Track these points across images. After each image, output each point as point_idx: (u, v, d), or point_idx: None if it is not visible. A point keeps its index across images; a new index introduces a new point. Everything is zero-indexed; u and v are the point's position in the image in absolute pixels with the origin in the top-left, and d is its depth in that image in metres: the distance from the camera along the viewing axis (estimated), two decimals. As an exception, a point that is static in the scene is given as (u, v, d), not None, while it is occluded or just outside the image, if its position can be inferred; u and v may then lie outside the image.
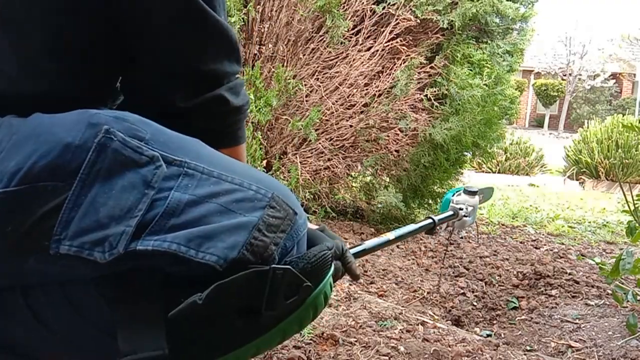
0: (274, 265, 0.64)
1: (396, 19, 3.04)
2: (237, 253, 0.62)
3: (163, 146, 0.65)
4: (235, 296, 0.63)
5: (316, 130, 2.91)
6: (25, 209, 0.60)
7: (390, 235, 1.10)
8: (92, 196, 0.61)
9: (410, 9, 3.04)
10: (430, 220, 1.23)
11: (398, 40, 3.07)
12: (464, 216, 1.36)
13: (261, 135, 2.83)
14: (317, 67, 2.97)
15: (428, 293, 2.36)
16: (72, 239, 0.60)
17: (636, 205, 1.96)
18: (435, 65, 3.19)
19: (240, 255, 0.62)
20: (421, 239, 3.20)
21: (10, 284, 0.66)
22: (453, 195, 1.38)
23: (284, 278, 0.65)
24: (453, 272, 2.72)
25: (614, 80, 25.53)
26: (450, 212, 1.33)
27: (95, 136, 0.62)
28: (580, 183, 8.85)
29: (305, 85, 2.88)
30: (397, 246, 3.02)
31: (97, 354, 0.69)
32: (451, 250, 3.06)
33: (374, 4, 3.05)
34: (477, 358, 1.61)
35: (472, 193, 1.37)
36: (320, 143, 2.99)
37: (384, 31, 3.06)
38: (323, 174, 3.12)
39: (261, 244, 0.64)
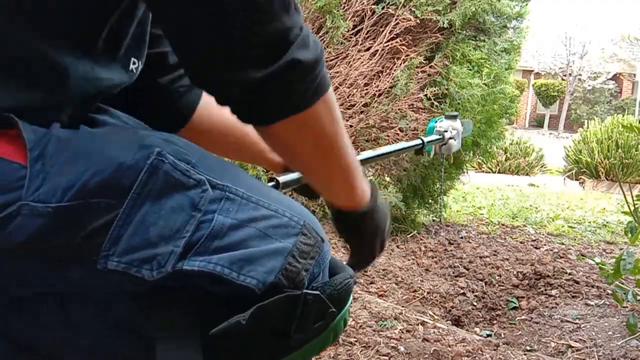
0: (305, 291, 0.68)
1: (396, 19, 3.04)
2: (274, 277, 0.65)
3: (208, 170, 0.67)
4: (272, 319, 0.67)
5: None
6: (76, 224, 0.61)
7: (383, 149, 1.20)
8: (142, 215, 0.63)
9: (410, 9, 3.04)
10: (419, 141, 1.27)
11: (398, 40, 3.07)
12: (450, 139, 1.38)
13: (261, 135, 2.83)
14: (317, 67, 2.97)
15: (428, 293, 2.36)
16: (120, 256, 0.62)
17: (636, 206, 1.96)
18: (434, 64, 3.19)
19: (277, 280, 0.66)
20: (421, 239, 3.20)
21: (49, 291, 0.68)
22: (436, 123, 1.41)
23: (314, 303, 0.68)
24: (453, 272, 2.72)
25: (614, 81, 25.55)
26: (437, 136, 1.36)
27: (147, 157, 0.63)
28: (580, 183, 8.85)
29: (305, 85, 2.88)
30: (397, 246, 3.02)
31: None
32: (451, 251, 3.06)
33: (373, 4, 3.05)
34: (477, 358, 1.61)
35: (453, 117, 1.41)
36: (320, 143, 2.99)
37: (383, 31, 3.06)
38: (323, 174, 3.12)
39: (294, 270, 0.67)
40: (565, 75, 25.57)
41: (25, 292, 0.68)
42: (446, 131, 1.37)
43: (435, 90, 3.17)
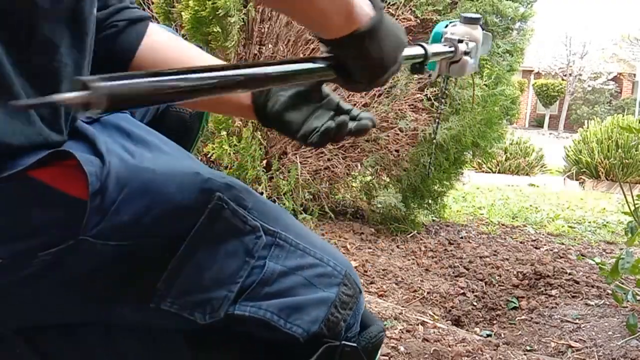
0: (344, 342, 0.69)
1: (396, 19, 3.04)
2: (317, 327, 0.67)
3: (262, 216, 0.68)
4: None
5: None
6: (133, 262, 0.62)
7: None
8: (198, 258, 0.63)
9: (410, 9, 3.04)
10: (420, 49, 0.80)
11: (398, 40, 3.07)
12: (464, 53, 0.91)
13: (261, 135, 2.83)
14: (317, 67, 2.97)
15: (428, 293, 2.36)
16: (174, 297, 0.62)
17: (636, 205, 1.96)
18: (435, 65, 3.18)
19: (319, 330, 0.67)
20: (421, 239, 3.20)
21: (98, 321, 0.69)
22: (446, 27, 0.94)
23: (350, 355, 0.69)
24: (453, 272, 2.72)
25: (614, 81, 25.55)
26: (448, 47, 0.90)
27: (208, 201, 0.64)
28: (580, 183, 8.85)
29: (305, 85, 2.88)
30: (397, 246, 3.02)
31: None
32: (451, 251, 3.06)
33: (373, 4, 3.04)
34: (477, 358, 1.61)
35: (473, 21, 0.93)
36: (320, 143, 2.99)
37: (384, 31, 3.06)
38: (323, 174, 3.13)
39: (335, 320, 0.68)
40: (565, 76, 25.57)
41: (74, 320, 0.68)
42: (461, 41, 0.91)
43: (435, 91, 3.17)
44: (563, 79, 25.80)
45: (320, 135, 0.72)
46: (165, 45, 0.80)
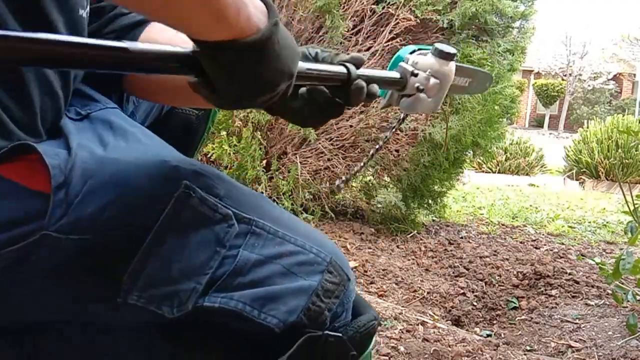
0: (327, 332, 0.65)
1: (396, 19, 3.03)
2: (295, 317, 0.64)
3: (235, 203, 0.65)
4: None
5: (316, 130, 2.91)
6: (98, 256, 0.60)
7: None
8: (165, 249, 0.61)
9: (410, 9, 3.04)
10: (342, 69, 0.67)
11: (398, 40, 3.07)
12: (419, 89, 0.78)
13: (261, 135, 2.83)
14: (317, 67, 2.97)
15: (428, 293, 2.36)
16: (141, 291, 0.60)
17: (636, 205, 1.96)
18: (435, 65, 3.18)
19: (298, 320, 0.64)
20: (421, 239, 3.20)
21: (71, 319, 0.67)
22: (412, 54, 0.82)
23: (335, 345, 0.66)
24: (453, 272, 2.72)
25: (614, 81, 25.55)
26: (395, 75, 0.78)
27: (174, 190, 0.61)
28: (580, 183, 8.85)
29: (305, 85, 2.88)
30: (397, 246, 3.02)
31: None
32: (451, 251, 3.05)
33: (373, 4, 3.04)
34: (477, 358, 1.61)
35: (447, 55, 0.80)
36: (320, 143, 2.99)
37: (383, 31, 3.06)
38: (323, 174, 3.12)
39: (317, 310, 0.65)
40: (565, 75, 25.57)
41: (49, 318, 0.66)
42: (415, 75, 0.78)
43: (435, 90, 3.17)
44: (563, 79, 25.80)
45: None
46: (160, 32, 0.77)
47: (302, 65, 0.62)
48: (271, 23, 0.54)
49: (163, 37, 0.77)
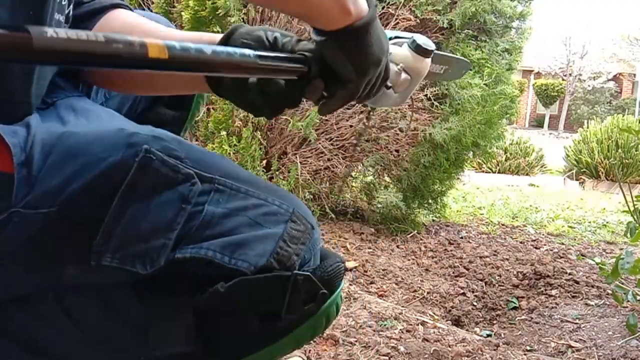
0: (295, 271, 0.69)
1: (396, 19, 3.03)
2: (265, 260, 0.67)
3: (196, 164, 0.68)
4: (262, 299, 0.68)
5: (316, 130, 2.91)
6: (69, 226, 0.62)
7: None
8: (133, 212, 0.63)
9: (410, 9, 3.04)
10: (302, 64, 0.65)
11: (398, 40, 3.07)
12: (385, 86, 0.75)
13: (261, 135, 2.83)
14: (317, 67, 2.97)
15: (428, 293, 2.36)
16: (113, 252, 0.63)
17: (636, 205, 1.96)
18: (435, 65, 3.18)
19: (268, 263, 0.67)
20: (421, 239, 3.20)
21: (45, 288, 0.69)
22: (390, 40, 0.77)
23: (304, 284, 0.69)
24: (453, 272, 2.72)
25: (614, 81, 25.55)
26: None
27: (135, 155, 0.63)
28: (580, 183, 8.85)
29: (305, 85, 2.87)
30: (397, 246, 3.02)
31: (130, 354, 0.72)
32: (451, 251, 3.06)
33: (374, 3, 3.04)
34: (477, 358, 1.61)
35: (423, 52, 0.75)
36: (320, 143, 2.99)
37: (383, 31, 3.06)
38: (323, 174, 3.12)
39: (285, 254, 0.68)
40: (565, 75, 25.57)
41: (22, 291, 0.68)
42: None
43: (435, 91, 3.17)
44: (563, 79, 25.80)
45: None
46: (122, 20, 0.78)
47: (256, 54, 0.60)
48: (372, 4, 0.66)
49: (115, 26, 0.79)
